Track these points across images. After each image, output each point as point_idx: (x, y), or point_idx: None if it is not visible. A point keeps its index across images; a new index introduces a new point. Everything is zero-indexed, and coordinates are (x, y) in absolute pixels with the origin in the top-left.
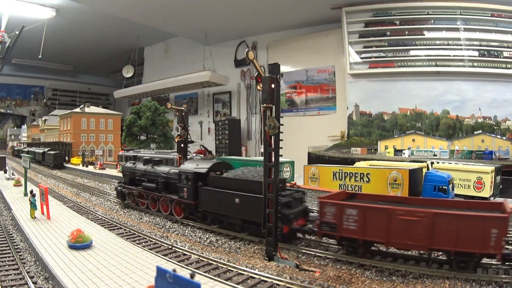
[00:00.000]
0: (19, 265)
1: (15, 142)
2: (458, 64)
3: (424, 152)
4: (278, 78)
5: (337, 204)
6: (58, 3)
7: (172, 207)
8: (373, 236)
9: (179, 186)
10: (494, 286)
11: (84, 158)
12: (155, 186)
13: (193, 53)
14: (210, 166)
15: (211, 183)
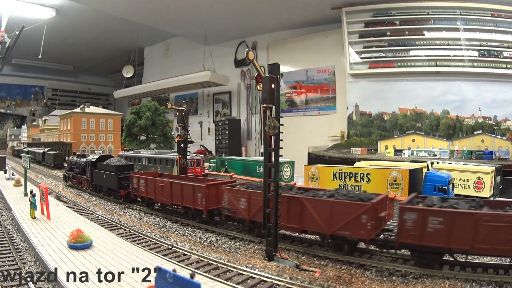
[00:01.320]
0: (19, 265)
1: (15, 142)
2: (458, 64)
3: (424, 152)
4: (278, 78)
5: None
6: (58, 3)
7: (83, 183)
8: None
9: (86, 169)
10: (494, 286)
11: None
12: (78, 171)
13: (193, 53)
14: (98, 157)
15: (98, 167)
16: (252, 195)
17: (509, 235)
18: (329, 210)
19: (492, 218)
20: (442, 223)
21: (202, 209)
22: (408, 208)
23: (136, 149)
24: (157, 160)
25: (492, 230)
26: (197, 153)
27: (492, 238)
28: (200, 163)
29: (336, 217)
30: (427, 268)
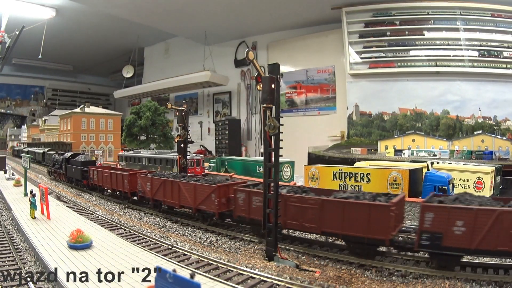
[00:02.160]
0: (19, 265)
1: (15, 142)
2: (458, 64)
3: (424, 152)
4: (278, 78)
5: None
6: (58, 3)
7: (60, 176)
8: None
9: (62, 165)
10: (494, 286)
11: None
12: (58, 166)
13: (193, 53)
14: (70, 155)
15: (70, 163)
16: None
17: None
18: (194, 191)
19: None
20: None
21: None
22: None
23: (136, 149)
24: (157, 160)
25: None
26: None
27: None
28: (200, 163)
29: (198, 196)
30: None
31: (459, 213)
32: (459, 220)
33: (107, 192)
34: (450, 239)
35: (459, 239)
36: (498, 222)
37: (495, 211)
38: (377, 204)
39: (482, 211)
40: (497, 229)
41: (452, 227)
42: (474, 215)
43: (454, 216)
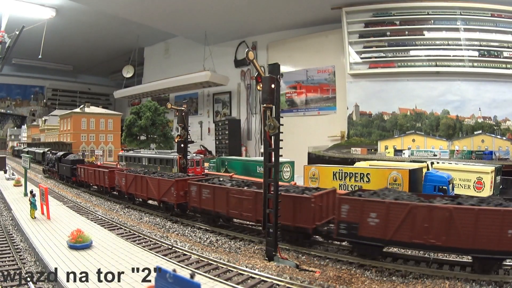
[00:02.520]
0: (19, 265)
1: (15, 142)
2: (458, 64)
3: (424, 152)
4: (278, 78)
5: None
6: (58, 3)
7: (54, 173)
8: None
9: (55, 163)
10: (494, 286)
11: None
12: (52, 165)
13: (193, 53)
14: (62, 154)
15: (61, 162)
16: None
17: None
18: (158, 185)
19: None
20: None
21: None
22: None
23: (136, 149)
24: (157, 160)
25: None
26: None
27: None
28: (200, 163)
29: (161, 190)
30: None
31: (372, 205)
32: (373, 212)
33: (92, 187)
34: (365, 229)
35: (374, 229)
36: (411, 216)
37: (408, 205)
38: (301, 197)
39: (394, 205)
40: (410, 222)
41: (367, 218)
42: (387, 208)
43: (368, 208)
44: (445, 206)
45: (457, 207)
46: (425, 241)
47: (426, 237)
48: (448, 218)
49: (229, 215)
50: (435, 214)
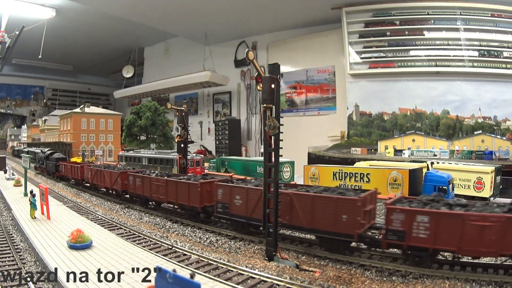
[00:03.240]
0: (19, 265)
1: (15, 142)
2: (458, 64)
3: (424, 152)
4: (278, 78)
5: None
6: (58, 3)
7: (43, 170)
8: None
9: (43, 161)
10: (494, 286)
11: (84, 158)
12: (41, 162)
13: (193, 53)
14: (49, 153)
15: (48, 159)
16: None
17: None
18: (110, 176)
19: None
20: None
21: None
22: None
23: (136, 149)
24: (157, 160)
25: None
26: (197, 153)
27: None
28: (200, 163)
29: (112, 180)
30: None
31: (237, 190)
32: (237, 195)
33: (71, 181)
34: (233, 209)
35: (239, 208)
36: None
37: (259, 190)
38: (191, 183)
39: (251, 190)
40: (260, 204)
41: (233, 200)
42: (246, 192)
43: (235, 192)
44: (286, 191)
45: (295, 193)
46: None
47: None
48: (289, 202)
49: (152, 198)
50: (281, 198)
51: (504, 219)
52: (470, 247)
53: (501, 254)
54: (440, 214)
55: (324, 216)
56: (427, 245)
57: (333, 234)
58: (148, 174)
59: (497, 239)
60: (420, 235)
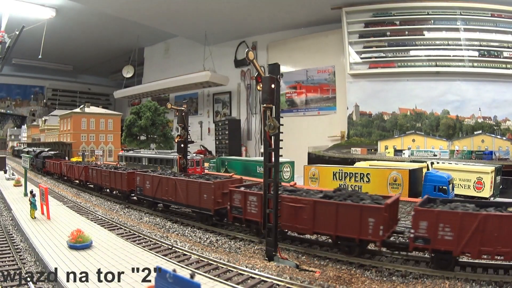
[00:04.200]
0: (19, 265)
1: (15, 142)
2: (458, 64)
3: (424, 152)
4: (278, 78)
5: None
6: (58, 3)
7: (34, 166)
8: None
9: (34, 158)
10: (494, 286)
11: (84, 158)
12: (32, 159)
13: (193, 53)
14: (39, 151)
15: (37, 157)
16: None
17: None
18: (77, 169)
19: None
20: None
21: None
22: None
23: (136, 149)
24: (157, 160)
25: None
26: (197, 153)
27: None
28: (200, 163)
29: (79, 172)
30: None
31: (148, 177)
32: (147, 181)
33: (55, 175)
34: (145, 191)
35: (149, 191)
36: (161, 183)
37: (158, 177)
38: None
39: (155, 177)
40: (161, 187)
41: (145, 184)
42: (151, 178)
43: (146, 179)
44: (172, 178)
45: (178, 179)
46: (166, 198)
47: (166, 195)
48: (173, 185)
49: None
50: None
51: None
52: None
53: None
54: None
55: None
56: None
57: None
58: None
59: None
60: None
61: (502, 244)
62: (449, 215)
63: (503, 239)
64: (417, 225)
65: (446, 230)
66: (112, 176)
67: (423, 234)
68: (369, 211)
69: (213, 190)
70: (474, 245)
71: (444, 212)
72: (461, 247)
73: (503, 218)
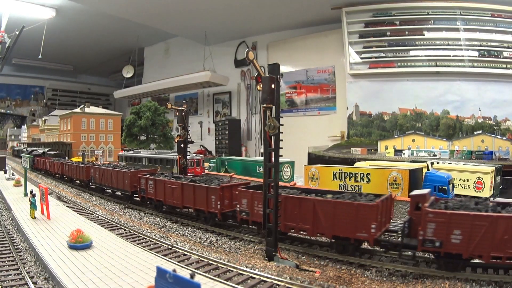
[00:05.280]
0: (19, 265)
1: (15, 142)
2: (458, 64)
3: (424, 152)
4: (278, 78)
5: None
6: (58, 3)
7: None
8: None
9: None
10: (494, 286)
11: (84, 158)
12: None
13: (193, 53)
14: (30, 151)
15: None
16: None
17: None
18: (56, 165)
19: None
20: None
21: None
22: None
23: (136, 149)
24: (157, 160)
25: None
26: (197, 153)
27: None
28: (200, 163)
29: (57, 167)
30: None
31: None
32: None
33: (42, 171)
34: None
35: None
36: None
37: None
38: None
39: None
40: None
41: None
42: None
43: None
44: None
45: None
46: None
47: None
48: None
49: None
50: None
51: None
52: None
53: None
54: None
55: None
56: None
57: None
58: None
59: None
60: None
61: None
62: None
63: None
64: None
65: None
66: (74, 169)
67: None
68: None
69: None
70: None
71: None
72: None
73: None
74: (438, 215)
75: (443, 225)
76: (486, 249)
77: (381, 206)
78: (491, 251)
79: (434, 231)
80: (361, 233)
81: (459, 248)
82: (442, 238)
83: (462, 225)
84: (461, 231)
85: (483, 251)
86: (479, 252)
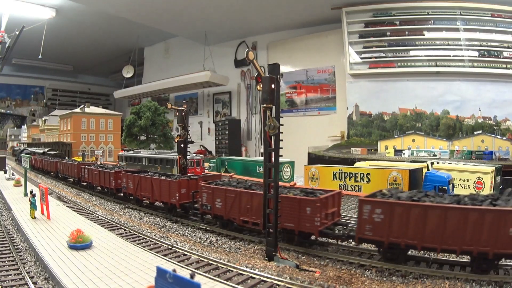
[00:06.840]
0: (19, 265)
1: (15, 142)
2: (458, 64)
3: (424, 152)
4: (278, 78)
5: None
6: (58, 3)
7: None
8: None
9: (19, 155)
10: (494, 286)
11: (84, 158)
12: (18, 156)
13: (193, 53)
14: (22, 149)
15: (22, 154)
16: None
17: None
18: (45, 162)
19: None
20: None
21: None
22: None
23: (136, 149)
24: (157, 160)
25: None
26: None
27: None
28: (200, 163)
29: (45, 165)
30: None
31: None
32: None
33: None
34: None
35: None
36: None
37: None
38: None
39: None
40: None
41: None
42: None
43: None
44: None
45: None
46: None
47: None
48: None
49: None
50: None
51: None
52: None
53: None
54: None
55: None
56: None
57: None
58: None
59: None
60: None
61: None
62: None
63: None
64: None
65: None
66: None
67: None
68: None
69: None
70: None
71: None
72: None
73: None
74: (207, 188)
75: (210, 195)
76: (236, 213)
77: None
78: (240, 216)
79: (206, 199)
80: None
81: (220, 211)
82: (211, 204)
83: (221, 196)
84: (220, 200)
85: (235, 215)
86: (233, 216)
